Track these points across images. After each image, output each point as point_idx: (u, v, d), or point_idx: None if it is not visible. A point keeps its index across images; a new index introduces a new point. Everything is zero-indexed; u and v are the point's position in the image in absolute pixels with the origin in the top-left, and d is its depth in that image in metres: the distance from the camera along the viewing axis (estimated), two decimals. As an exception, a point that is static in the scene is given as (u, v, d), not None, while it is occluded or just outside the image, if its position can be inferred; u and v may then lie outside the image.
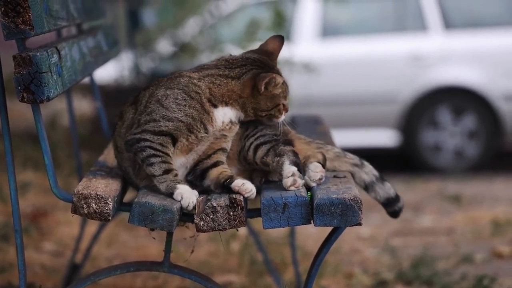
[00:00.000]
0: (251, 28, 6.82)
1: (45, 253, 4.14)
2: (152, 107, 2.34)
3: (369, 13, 7.67)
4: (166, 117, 2.31)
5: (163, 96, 2.34)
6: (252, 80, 2.36)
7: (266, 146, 2.38)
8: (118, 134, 2.43)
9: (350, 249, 4.47)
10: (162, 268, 2.35)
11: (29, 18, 2.12)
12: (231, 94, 2.36)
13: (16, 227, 2.29)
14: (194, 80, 2.36)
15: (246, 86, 2.36)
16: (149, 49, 7.30)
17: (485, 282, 3.64)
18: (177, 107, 2.32)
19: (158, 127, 2.30)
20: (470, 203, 5.70)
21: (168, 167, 2.28)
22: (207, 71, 2.38)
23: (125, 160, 2.41)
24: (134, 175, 2.40)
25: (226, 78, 2.37)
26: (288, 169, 2.31)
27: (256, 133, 2.42)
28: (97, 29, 3.28)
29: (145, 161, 2.29)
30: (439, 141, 7.29)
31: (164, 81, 2.40)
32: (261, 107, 2.38)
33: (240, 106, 2.37)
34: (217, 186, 2.34)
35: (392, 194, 2.57)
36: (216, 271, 3.88)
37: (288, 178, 2.30)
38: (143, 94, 2.42)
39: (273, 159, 2.35)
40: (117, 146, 2.44)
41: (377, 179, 2.56)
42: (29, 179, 5.38)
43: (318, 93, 7.18)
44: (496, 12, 7.53)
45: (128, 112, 2.42)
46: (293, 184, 2.29)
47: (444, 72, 7.24)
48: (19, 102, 2.16)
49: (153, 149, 2.28)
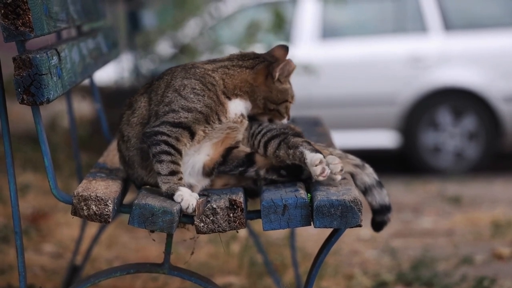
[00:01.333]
0: (251, 29, 6.82)
1: (45, 255, 4.14)
2: (170, 97, 2.35)
3: (368, 14, 7.67)
4: (185, 107, 2.33)
5: (180, 86, 2.36)
6: (266, 68, 2.42)
7: (276, 140, 2.39)
8: (127, 123, 2.43)
9: (350, 251, 4.47)
10: (162, 270, 2.35)
11: (29, 20, 2.12)
12: (243, 85, 2.40)
13: (16, 229, 2.29)
14: (209, 72, 2.40)
15: (259, 75, 2.42)
16: (149, 51, 7.30)
17: (485, 284, 3.64)
18: (196, 97, 2.34)
19: (178, 118, 2.31)
20: (470, 204, 5.69)
21: (175, 169, 2.28)
22: (220, 63, 2.44)
23: (131, 149, 2.41)
24: (139, 166, 2.40)
25: (240, 67, 2.42)
26: (314, 157, 2.29)
27: (262, 130, 2.43)
28: (97, 31, 3.28)
29: (156, 157, 2.29)
30: (439, 142, 7.29)
31: (178, 70, 2.42)
32: (272, 97, 2.42)
33: (251, 97, 2.41)
34: (269, 169, 2.37)
35: (387, 202, 2.56)
36: (216, 273, 3.88)
37: (316, 166, 2.28)
38: (156, 84, 2.42)
39: (287, 152, 2.35)
40: (123, 135, 2.43)
41: (377, 183, 2.56)
42: (29, 181, 5.37)
43: (318, 94, 7.18)
44: (496, 14, 7.53)
45: (139, 101, 2.43)
46: (322, 172, 2.28)
47: (444, 74, 7.24)
48: (19, 104, 2.16)
49: (167, 145, 2.29)
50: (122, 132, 2.44)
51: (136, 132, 2.39)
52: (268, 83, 2.42)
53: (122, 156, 2.46)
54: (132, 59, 7.26)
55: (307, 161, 2.30)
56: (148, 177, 2.40)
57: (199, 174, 2.39)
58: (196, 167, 2.39)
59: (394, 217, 5.33)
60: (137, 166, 2.41)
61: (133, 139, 2.40)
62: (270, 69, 2.42)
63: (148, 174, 2.39)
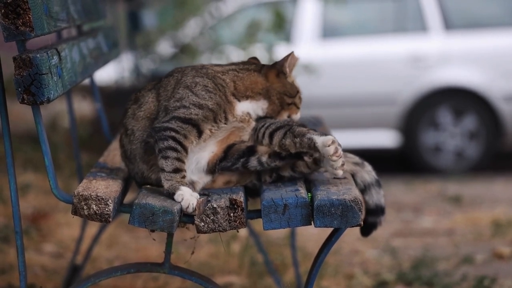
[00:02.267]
0: (251, 29, 6.82)
1: (45, 255, 4.14)
2: (181, 93, 2.37)
3: (369, 14, 7.67)
4: (196, 104, 2.35)
5: (192, 83, 2.39)
6: (273, 68, 2.47)
7: (281, 130, 2.40)
8: (132, 117, 2.44)
9: (351, 250, 4.47)
10: (163, 269, 2.35)
11: (29, 20, 2.12)
12: (254, 86, 2.44)
13: (16, 228, 2.29)
14: (219, 74, 2.43)
15: (270, 74, 2.47)
16: (149, 51, 7.30)
17: (486, 283, 3.64)
18: (208, 94, 2.37)
19: (189, 114, 2.33)
20: (470, 204, 5.69)
21: (180, 166, 2.29)
22: (229, 66, 2.48)
23: (134, 142, 2.42)
24: (141, 159, 2.41)
25: (247, 70, 2.47)
26: (325, 139, 2.31)
27: (266, 123, 2.45)
28: (97, 31, 3.28)
29: (162, 152, 2.30)
30: (439, 142, 7.29)
31: (189, 69, 2.45)
32: (288, 91, 2.47)
33: (265, 96, 2.44)
34: (271, 154, 2.38)
35: (383, 203, 2.56)
36: (216, 272, 3.88)
37: (329, 146, 2.29)
38: (165, 81, 2.45)
39: (294, 140, 2.36)
40: (127, 129, 2.44)
41: (376, 182, 2.56)
42: (29, 181, 5.37)
43: (318, 94, 7.17)
44: (496, 13, 7.52)
45: (146, 96, 2.44)
46: (335, 152, 2.29)
47: (444, 73, 7.24)
48: (20, 103, 2.16)
49: (175, 141, 2.30)
50: (126, 126, 2.45)
51: (142, 125, 2.41)
52: (281, 79, 2.47)
53: (124, 151, 2.47)
54: (132, 59, 7.26)
55: (318, 145, 2.31)
56: (149, 171, 2.40)
57: (202, 171, 2.40)
58: (200, 164, 2.39)
59: (394, 217, 5.35)
60: (139, 159, 2.41)
61: (137, 132, 2.41)
62: (278, 66, 2.47)
63: (149, 169, 2.40)
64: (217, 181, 2.44)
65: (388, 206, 5.95)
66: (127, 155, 2.45)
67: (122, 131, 2.47)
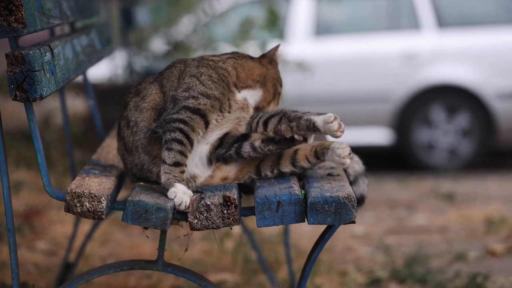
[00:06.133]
0: (245, 26, 6.82)
1: (38, 252, 4.13)
2: (188, 82, 2.39)
3: (362, 11, 7.67)
4: (204, 93, 2.37)
5: (197, 72, 2.41)
6: (264, 56, 2.53)
7: (276, 117, 2.42)
8: (135, 109, 2.44)
9: (344, 247, 4.47)
10: (156, 267, 2.35)
11: (22, 16, 2.11)
12: (253, 72, 2.47)
13: (9, 226, 2.28)
14: (220, 63, 2.46)
15: (263, 61, 2.51)
16: (143, 48, 7.29)
17: (479, 280, 3.65)
18: (214, 84, 2.39)
19: (198, 104, 2.35)
20: (463, 201, 5.70)
21: (181, 160, 2.30)
22: (225, 55, 2.51)
23: (138, 133, 2.42)
24: (144, 150, 2.41)
25: (244, 57, 2.51)
26: (325, 116, 2.33)
27: (259, 114, 2.47)
28: (91, 28, 3.27)
29: (167, 143, 2.31)
30: (432, 140, 7.30)
31: (190, 60, 2.48)
32: (280, 79, 2.52)
33: (261, 83, 2.48)
34: (264, 139, 2.39)
35: (365, 193, 2.61)
36: (210, 270, 3.88)
37: (332, 123, 2.31)
38: (168, 72, 2.47)
39: (289, 125, 2.38)
40: (130, 121, 2.44)
41: (363, 172, 2.62)
42: (22, 178, 5.36)
43: (311, 91, 7.18)
44: (490, 11, 7.54)
45: (149, 89, 2.45)
46: (339, 127, 2.31)
47: (437, 71, 7.25)
48: (12, 100, 2.15)
49: (182, 133, 2.31)
50: (129, 118, 2.45)
51: (147, 116, 2.42)
52: (274, 66, 2.52)
53: (124, 143, 2.46)
54: (125, 56, 7.25)
55: (318, 124, 2.33)
56: (151, 164, 2.41)
57: (205, 164, 2.41)
58: (203, 157, 2.40)
59: (387, 214, 5.36)
60: (141, 150, 2.42)
61: (141, 123, 2.42)
62: (269, 55, 2.52)
63: (151, 161, 2.40)
64: (215, 177, 2.44)
65: (382, 203, 5.98)
66: (127, 147, 2.45)
67: (123, 124, 2.47)
